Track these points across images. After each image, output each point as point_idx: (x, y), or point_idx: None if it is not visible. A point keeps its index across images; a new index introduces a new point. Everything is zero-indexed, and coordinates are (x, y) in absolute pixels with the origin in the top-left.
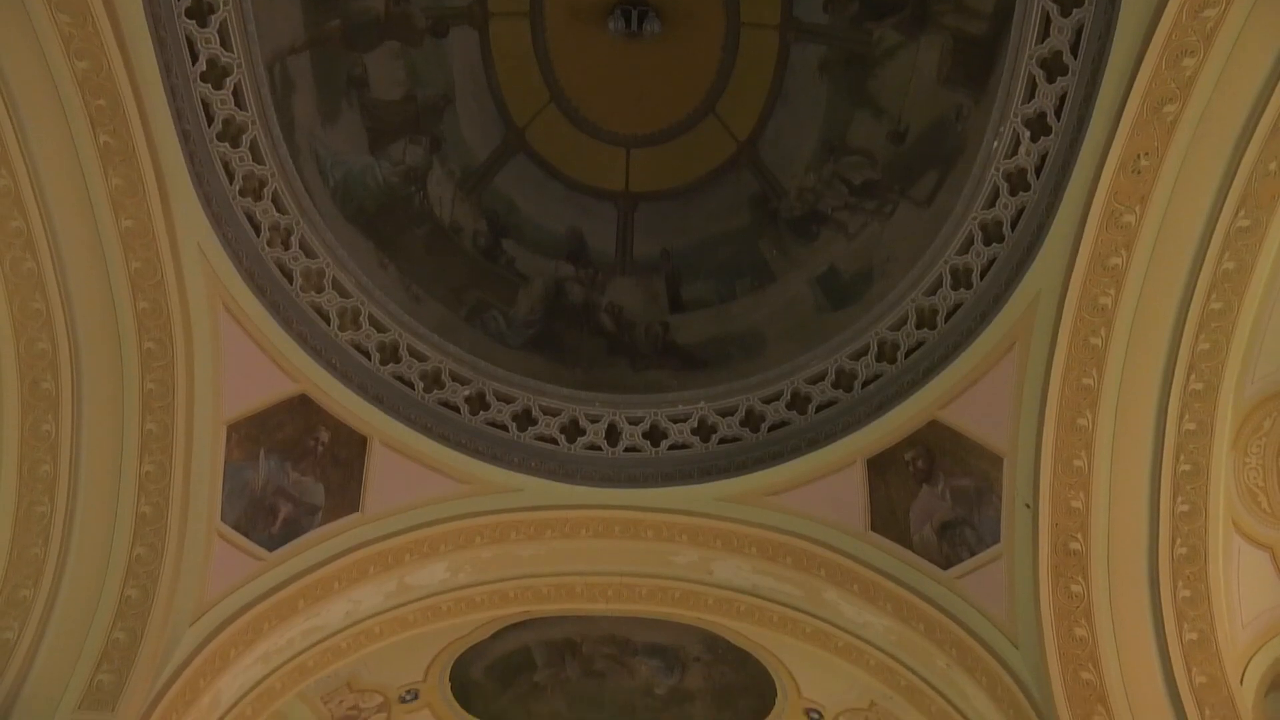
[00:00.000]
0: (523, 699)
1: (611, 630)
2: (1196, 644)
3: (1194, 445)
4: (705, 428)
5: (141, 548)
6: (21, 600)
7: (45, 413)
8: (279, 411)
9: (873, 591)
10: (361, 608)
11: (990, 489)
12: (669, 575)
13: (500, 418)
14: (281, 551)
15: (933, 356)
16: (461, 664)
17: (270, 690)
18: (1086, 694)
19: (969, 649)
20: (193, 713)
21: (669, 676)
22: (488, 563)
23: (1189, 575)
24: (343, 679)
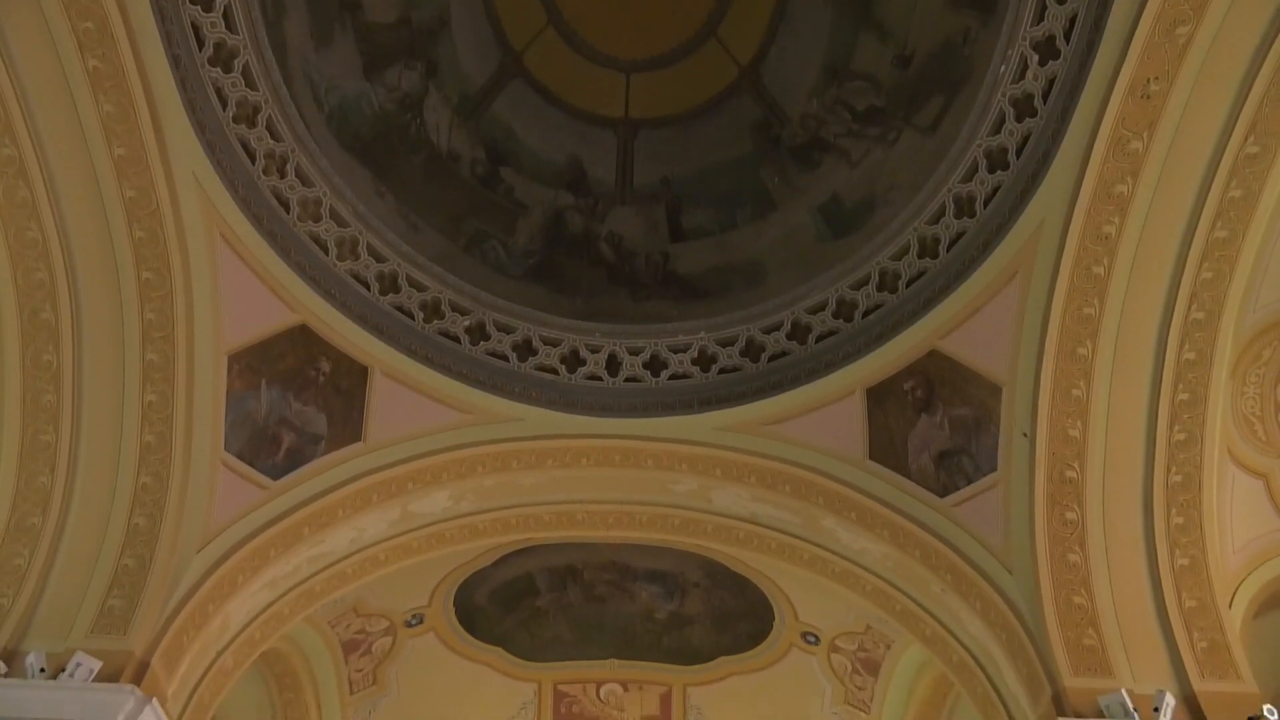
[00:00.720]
0: (525, 623)
1: (612, 557)
2: (1187, 569)
3: (1193, 374)
4: (705, 358)
5: (147, 476)
6: (31, 528)
7: (46, 343)
8: (279, 342)
9: (870, 519)
10: (366, 535)
11: (988, 418)
12: (669, 503)
13: (501, 348)
14: (285, 480)
15: (934, 286)
16: (465, 589)
17: (278, 615)
18: (1078, 617)
19: (963, 574)
20: (203, 636)
21: (669, 601)
22: (490, 491)
23: (1182, 502)
24: (349, 604)
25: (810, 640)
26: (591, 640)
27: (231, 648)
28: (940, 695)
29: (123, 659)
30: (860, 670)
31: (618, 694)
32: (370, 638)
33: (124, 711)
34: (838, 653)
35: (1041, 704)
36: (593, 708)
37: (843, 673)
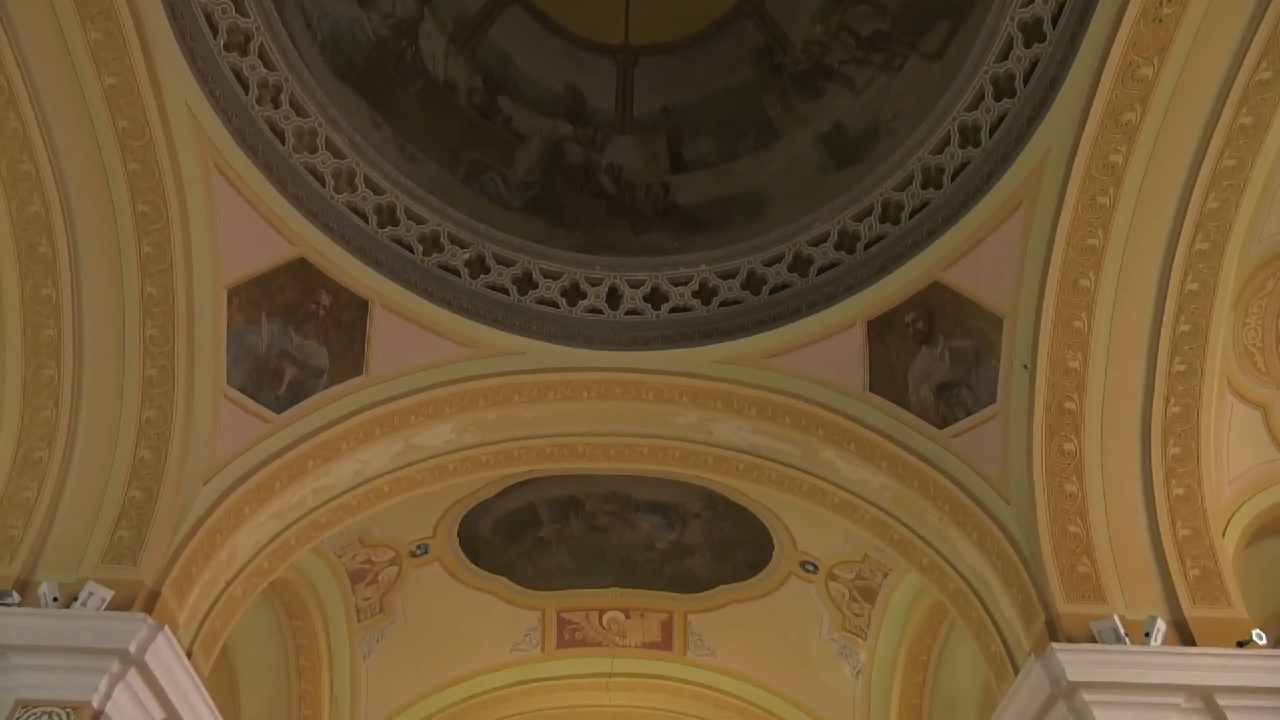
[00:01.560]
0: (529, 553)
1: (614, 488)
2: (1183, 499)
3: (1195, 306)
4: (706, 290)
5: (151, 410)
6: (37, 461)
7: (44, 277)
8: (278, 275)
9: (869, 450)
10: (370, 467)
11: (989, 350)
12: (670, 435)
13: (501, 281)
14: (289, 414)
15: (937, 217)
16: (469, 520)
17: (285, 546)
18: (1073, 546)
19: (961, 504)
20: (211, 566)
21: (669, 532)
22: (492, 424)
23: (1180, 433)
24: (355, 535)
25: (809, 569)
26: (594, 569)
27: (240, 577)
28: (936, 622)
29: (133, 588)
30: (858, 598)
31: (620, 621)
32: (376, 568)
33: (136, 639)
34: (836, 581)
35: (1035, 629)
36: (595, 634)
37: (840, 600)
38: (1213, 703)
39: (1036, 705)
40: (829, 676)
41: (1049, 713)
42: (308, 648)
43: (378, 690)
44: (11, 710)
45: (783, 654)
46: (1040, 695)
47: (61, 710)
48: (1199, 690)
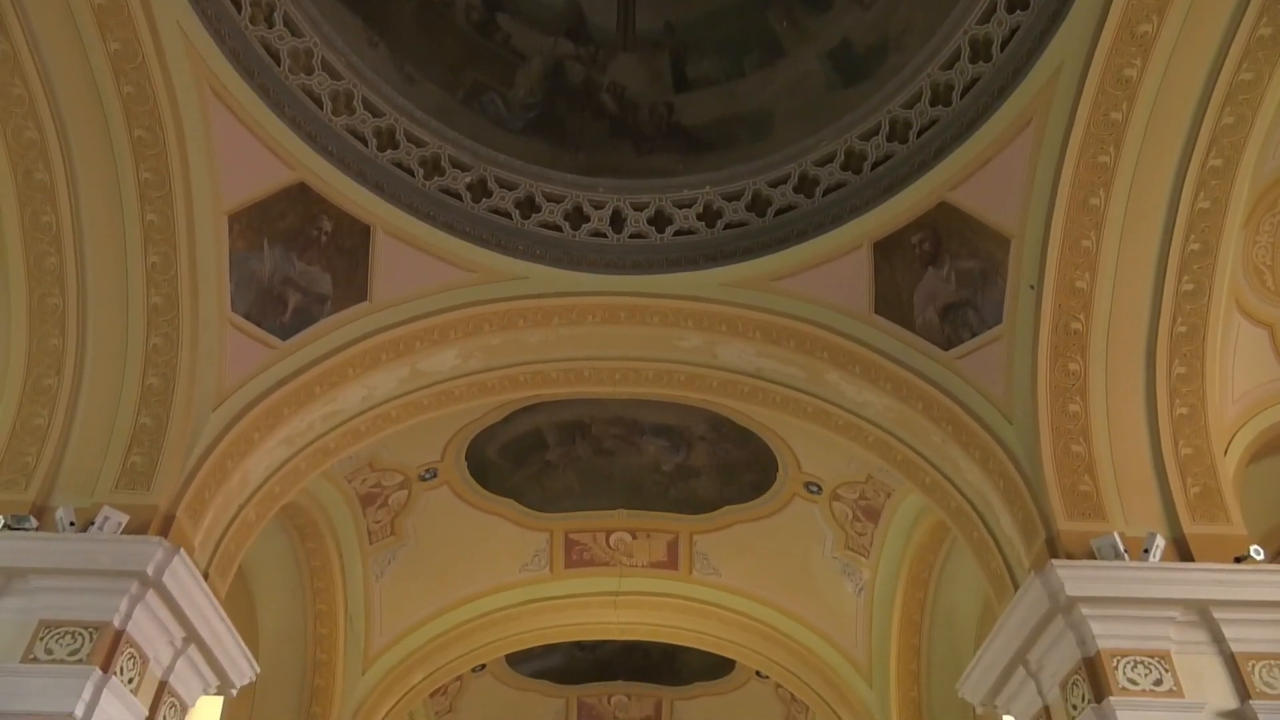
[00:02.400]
0: (536, 476)
1: (620, 412)
2: (1186, 418)
3: (1205, 224)
4: (711, 213)
5: (157, 338)
6: (47, 389)
7: (43, 204)
8: (279, 201)
9: (874, 372)
10: (377, 393)
11: (995, 271)
12: (675, 359)
13: (503, 205)
14: (294, 340)
15: (946, 135)
16: (477, 444)
17: (295, 471)
18: (1075, 465)
19: (964, 425)
20: (224, 491)
21: (675, 454)
22: (497, 349)
23: (1186, 353)
24: (364, 459)
25: (813, 490)
26: (600, 492)
27: (252, 502)
28: (937, 540)
29: (148, 513)
30: (861, 517)
31: (626, 542)
32: (386, 491)
33: (154, 561)
34: (839, 501)
35: (1035, 547)
36: (603, 554)
37: (844, 520)
38: (1208, 616)
39: (1035, 619)
40: (832, 593)
41: (1047, 627)
42: (321, 569)
43: (391, 609)
44: (35, 631)
45: (786, 572)
46: (1039, 610)
47: (84, 630)
48: (1195, 604)
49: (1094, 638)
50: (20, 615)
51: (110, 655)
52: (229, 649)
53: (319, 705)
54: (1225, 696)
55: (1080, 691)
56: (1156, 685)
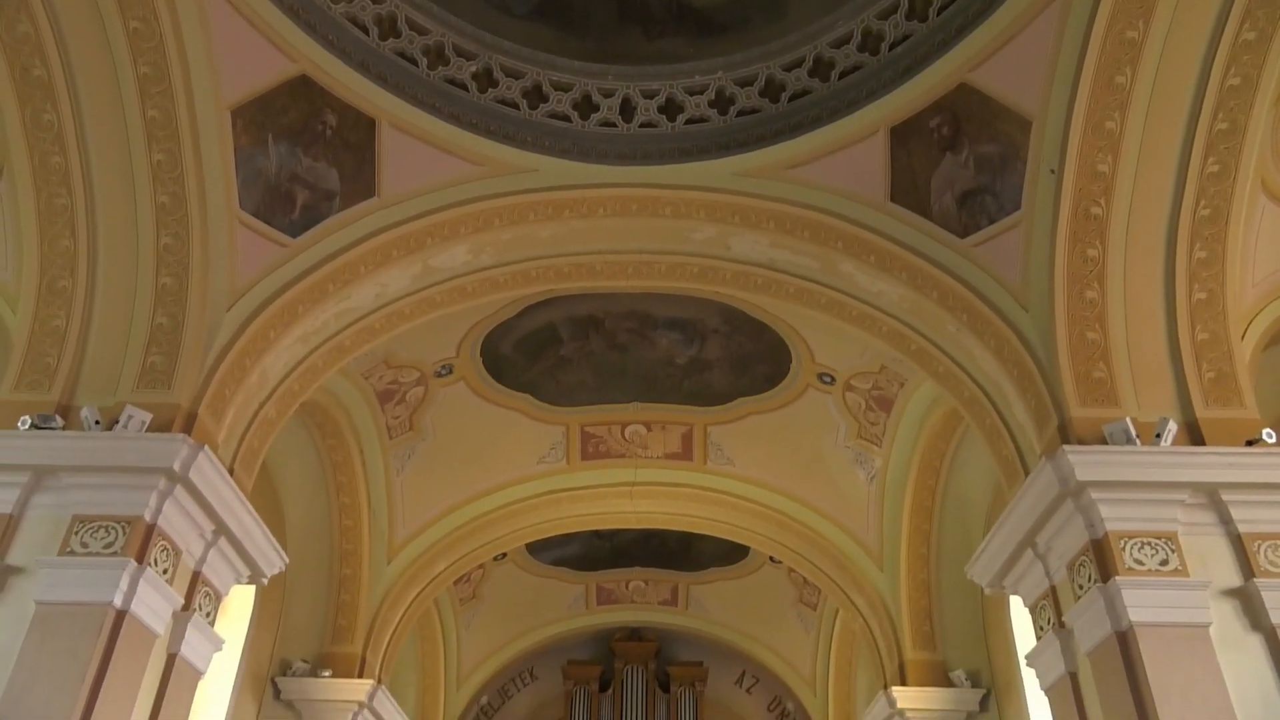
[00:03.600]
0: (551, 371)
1: (633, 306)
2: (1204, 303)
3: (1235, 102)
4: (723, 100)
5: (167, 237)
6: (62, 290)
7: (43, 101)
8: (281, 94)
9: (889, 261)
10: (390, 290)
11: (1015, 155)
12: (687, 251)
13: (510, 95)
14: (304, 238)
15: (967, 12)
16: (491, 340)
17: (313, 368)
18: (1090, 352)
19: (979, 313)
20: (243, 390)
21: (689, 348)
22: (508, 244)
23: (1207, 237)
24: (380, 356)
25: (826, 381)
26: (615, 385)
27: (272, 399)
28: (949, 428)
29: (171, 411)
30: (874, 407)
31: (641, 434)
32: (403, 388)
33: (179, 458)
34: (852, 391)
35: (1047, 433)
36: (618, 446)
37: (857, 410)
38: (1217, 498)
39: (1045, 503)
40: (844, 481)
41: (1056, 510)
42: (343, 464)
43: (413, 502)
44: (70, 525)
45: (799, 462)
46: (1049, 494)
47: (116, 525)
48: (1204, 487)
49: (1102, 520)
50: (54, 511)
51: (144, 548)
52: (257, 541)
53: (347, 594)
54: (1230, 575)
55: (1087, 572)
56: (1162, 565)
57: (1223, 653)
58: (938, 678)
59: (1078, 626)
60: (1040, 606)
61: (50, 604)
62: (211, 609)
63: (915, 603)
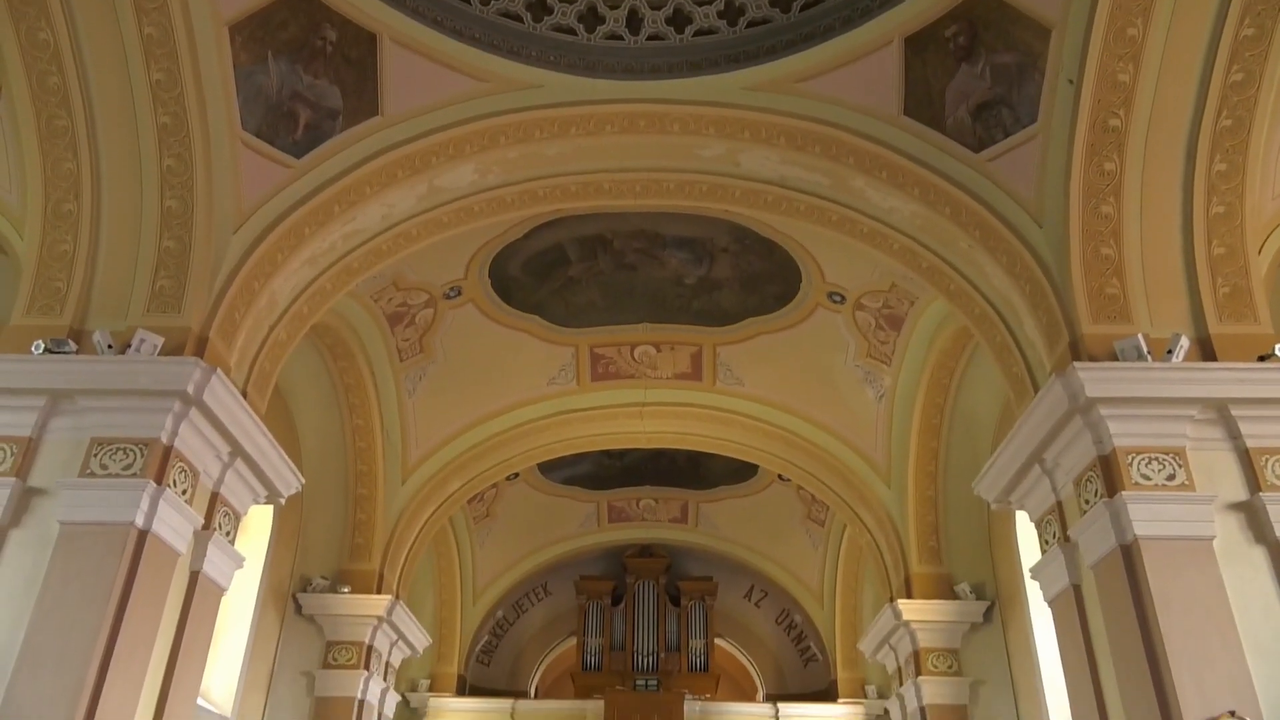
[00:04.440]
0: (559, 291)
1: (641, 225)
2: (1222, 217)
3: (1262, 7)
4: (733, 10)
5: (170, 159)
6: (68, 214)
7: (37, 19)
8: (279, 9)
9: (901, 177)
10: (396, 211)
11: (1033, 65)
12: (696, 169)
13: (513, 7)
14: (308, 158)
15: None
16: (499, 261)
17: (321, 291)
18: (1104, 268)
19: (992, 229)
20: (253, 313)
21: (698, 267)
22: (514, 163)
23: (1228, 148)
24: (388, 279)
25: (836, 299)
26: (624, 306)
27: (282, 322)
28: (959, 346)
29: (182, 334)
30: (884, 326)
31: (651, 354)
32: (412, 310)
33: (192, 381)
34: (862, 310)
35: (1058, 350)
36: (628, 367)
37: (866, 329)
38: (1226, 413)
39: (1054, 420)
40: (853, 400)
41: (1065, 427)
42: (355, 386)
43: (425, 424)
44: (89, 448)
45: (808, 381)
46: (1058, 410)
47: (134, 447)
48: (1214, 402)
49: (1110, 436)
50: (72, 434)
51: (162, 469)
52: (273, 462)
53: (364, 513)
54: (1236, 489)
55: (1094, 487)
56: (1169, 480)
57: (1226, 565)
58: (943, 590)
59: (1083, 540)
60: (1046, 521)
61: (73, 524)
62: (231, 528)
63: (922, 518)
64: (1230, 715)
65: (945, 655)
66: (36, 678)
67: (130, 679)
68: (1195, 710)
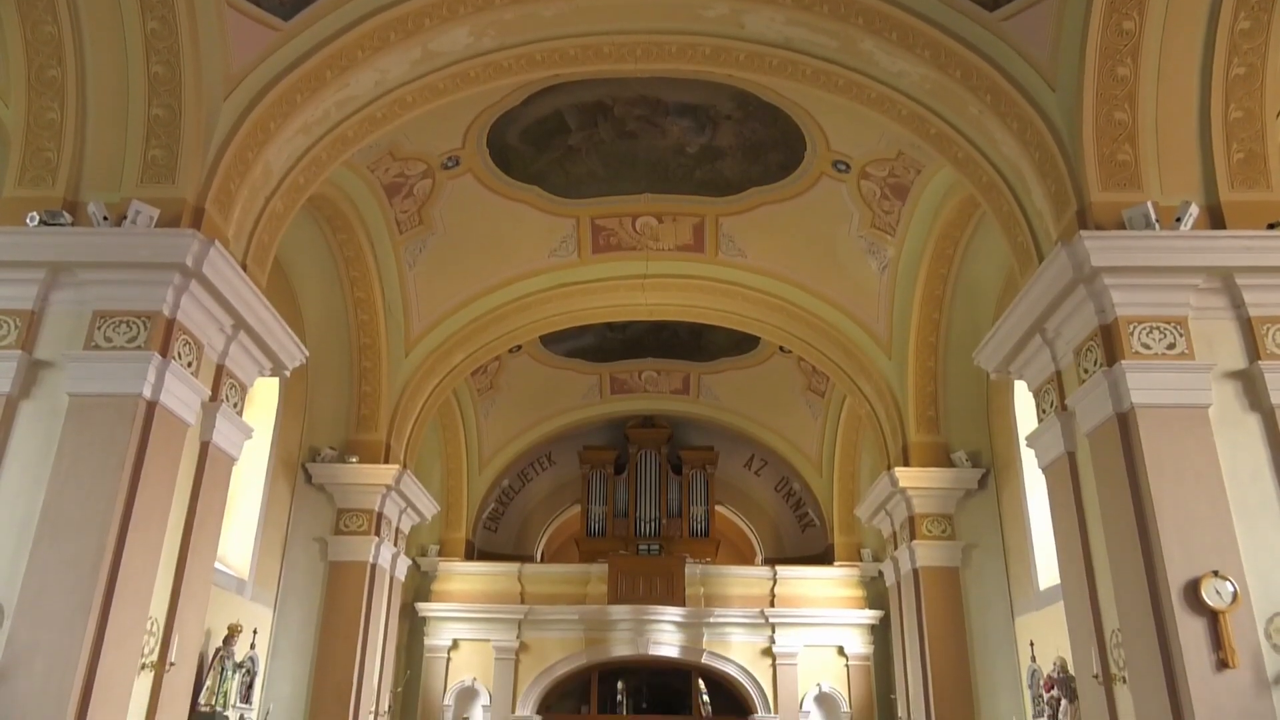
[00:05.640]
0: (559, 161)
1: (642, 91)
2: (1242, 79)
3: None
4: None
5: (153, 22)
6: (52, 80)
7: None
8: None
9: (912, 39)
10: (390, 76)
11: None
12: (698, 31)
13: None
14: (297, 20)
15: None
16: (497, 130)
17: (317, 160)
18: (1116, 133)
19: (1004, 94)
20: (248, 183)
21: (700, 135)
22: (510, 25)
23: (1253, 5)
24: (384, 148)
25: (841, 168)
26: (625, 176)
27: (278, 193)
28: (965, 216)
29: (177, 206)
30: (889, 195)
31: (652, 226)
32: (410, 180)
33: (191, 253)
34: (867, 179)
35: (1065, 219)
36: (629, 239)
37: (871, 198)
38: (1231, 282)
39: (1057, 289)
40: (856, 271)
41: (1068, 296)
42: (355, 259)
43: (427, 296)
44: (92, 320)
45: (811, 252)
46: (1062, 280)
47: (137, 320)
48: (1219, 271)
49: (1114, 306)
50: (74, 307)
51: (166, 342)
52: (276, 334)
53: (368, 385)
54: (1235, 358)
55: (1093, 356)
56: (1169, 349)
57: (1220, 432)
58: (939, 459)
59: (1080, 409)
60: (1044, 390)
61: (82, 396)
62: (238, 400)
63: (921, 389)
64: (1214, 574)
65: (939, 520)
66: (58, 543)
67: (149, 544)
68: (1180, 570)
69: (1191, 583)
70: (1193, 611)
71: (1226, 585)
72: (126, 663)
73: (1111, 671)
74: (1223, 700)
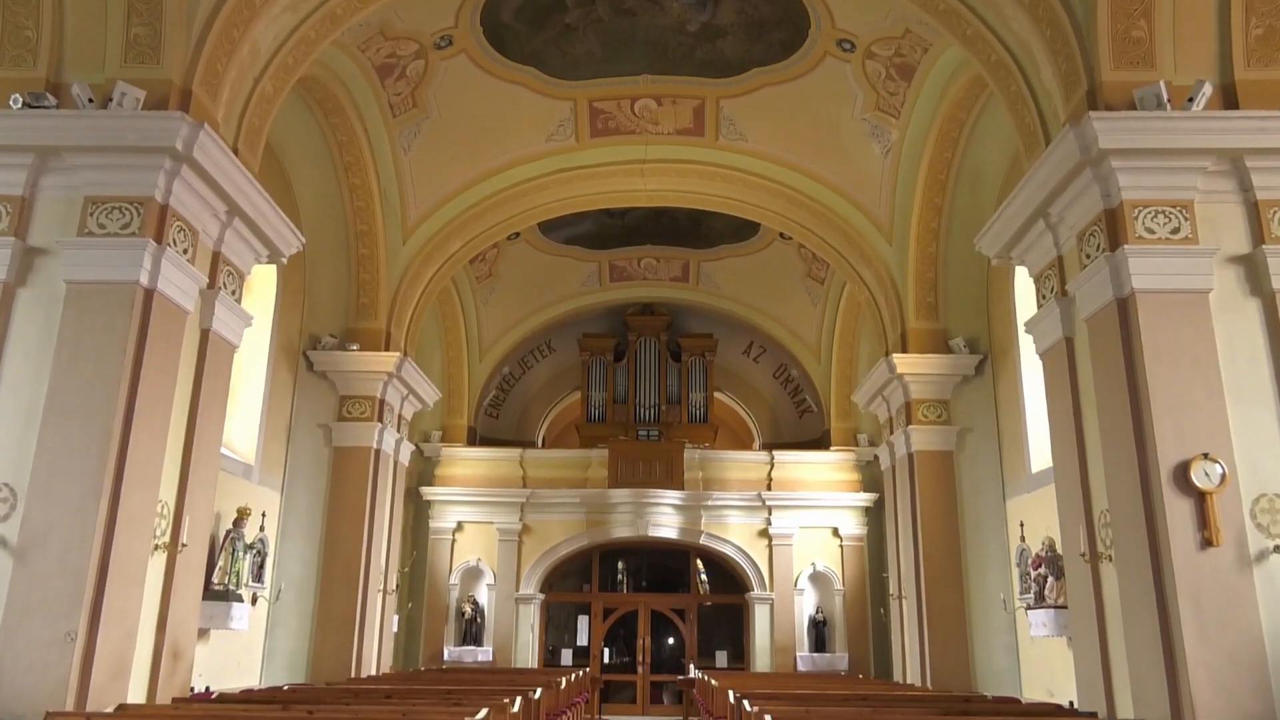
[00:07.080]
0: (556, 40)
1: None
2: None
3: None
4: None
5: None
6: None
7: None
8: None
9: None
10: None
11: None
12: None
13: None
14: None
15: None
16: (491, 8)
17: (306, 39)
18: (1131, 9)
19: None
20: (236, 63)
21: (701, 12)
22: None
23: None
24: (375, 27)
25: (845, 47)
26: (623, 56)
27: (267, 74)
28: (971, 98)
29: (164, 88)
30: (894, 76)
31: (652, 109)
32: (402, 61)
33: (180, 137)
34: (872, 59)
35: (1074, 99)
36: (628, 122)
37: (876, 79)
38: (1240, 165)
39: (1063, 173)
40: (858, 155)
41: (1074, 180)
42: (349, 143)
43: (423, 182)
44: (84, 207)
45: (814, 136)
46: (1069, 163)
47: (130, 205)
48: (1229, 153)
49: (1119, 190)
50: (65, 192)
51: (160, 228)
52: (271, 220)
53: (367, 272)
54: (1239, 242)
55: (1096, 241)
56: (1173, 234)
57: (1219, 317)
58: (937, 345)
59: (1080, 294)
60: (1045, 276)
61: (79, 283)
62: (236, 287)
63: (921, 275)
64: (1204, 456)
65: (936, 405)
66: (65, 428)
67: (154, 429)
68: (1171, 452)
69: (1181, 465)
70: (1181, 492)
71: (1215, 467)
72: (140, 543)
73: (1098, 550)
74: (1205, 577)
